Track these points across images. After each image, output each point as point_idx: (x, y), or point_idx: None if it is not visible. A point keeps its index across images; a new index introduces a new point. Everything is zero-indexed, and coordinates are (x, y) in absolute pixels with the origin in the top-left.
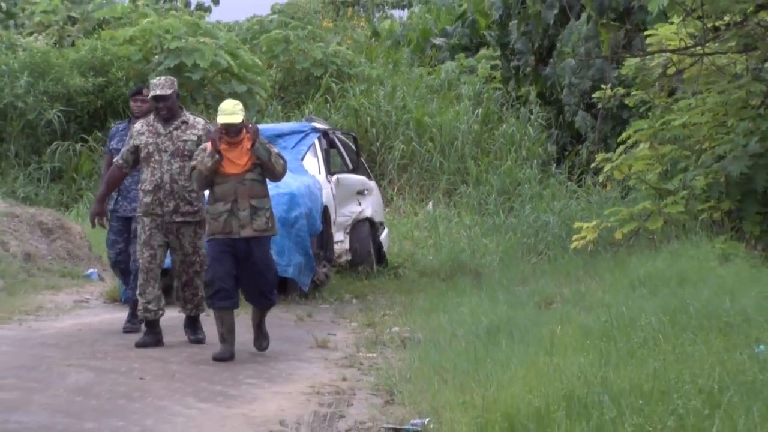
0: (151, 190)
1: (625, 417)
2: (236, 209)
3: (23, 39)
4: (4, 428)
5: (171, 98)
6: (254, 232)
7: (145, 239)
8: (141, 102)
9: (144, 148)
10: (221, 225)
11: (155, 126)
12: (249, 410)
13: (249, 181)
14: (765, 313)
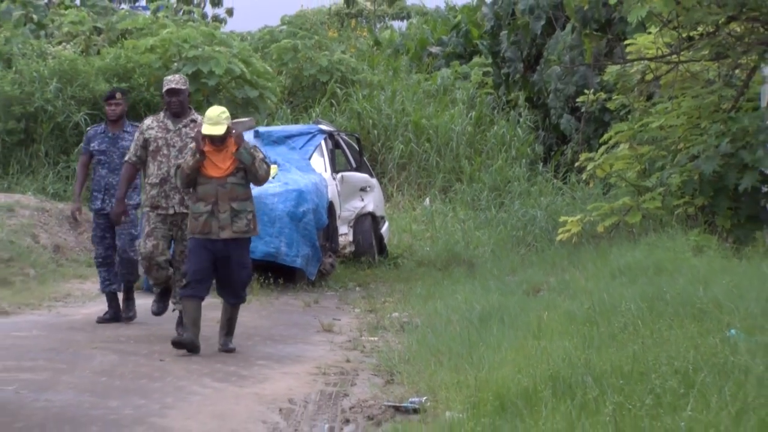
0: (158, 183)
1: (607, 396)
2: (216, 211)
3: (53, 48)
4: (34, 406)
5: (183, 94)
6: (234, 233)
7: (148, 231)
8: (115, 105)
9: (153, 142)
10: (200, 225)
11: (165, 123)
12: (260, 389)
13: (230, 184)
14: (736, 301)
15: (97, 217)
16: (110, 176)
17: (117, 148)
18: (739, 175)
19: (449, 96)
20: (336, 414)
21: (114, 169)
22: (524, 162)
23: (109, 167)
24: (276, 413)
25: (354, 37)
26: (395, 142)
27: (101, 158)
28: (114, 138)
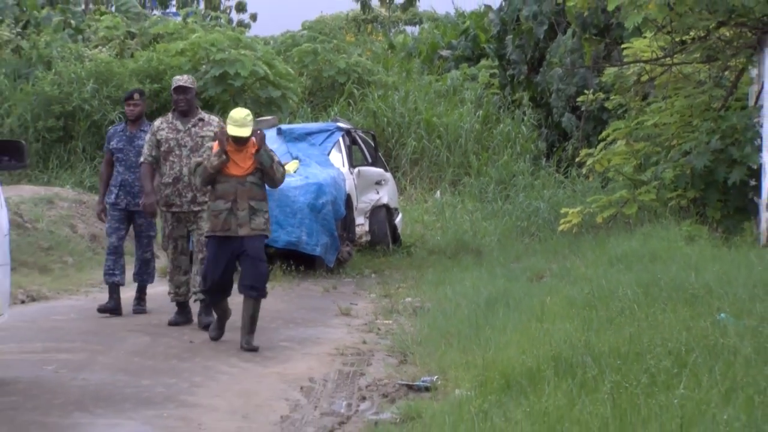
0: (171, 183)
1: (605, 375)
2: (236, 209)
3: (89, 51)
4: (72, 384)
5: (191, 92)
6: (252, 231)
7: (168, 232)
8: (133, 106)
9: (164, 143)
10: (221, 222)
11: (174, 123)
12: (283, 369)
13: (249, 183)
14: (725, 286)
15: (111, 210)
16: (126, 173)
17: (133, 147)
18: (728, 170)
19: (458, 96)
20: (353, 392)
21: (130, 166)
22: (528, 157)
23: (126, 165)
24: (297, 391)
25: (370, 41)
26: (408, 138)
27: (119, 156)
28: (131, 137)
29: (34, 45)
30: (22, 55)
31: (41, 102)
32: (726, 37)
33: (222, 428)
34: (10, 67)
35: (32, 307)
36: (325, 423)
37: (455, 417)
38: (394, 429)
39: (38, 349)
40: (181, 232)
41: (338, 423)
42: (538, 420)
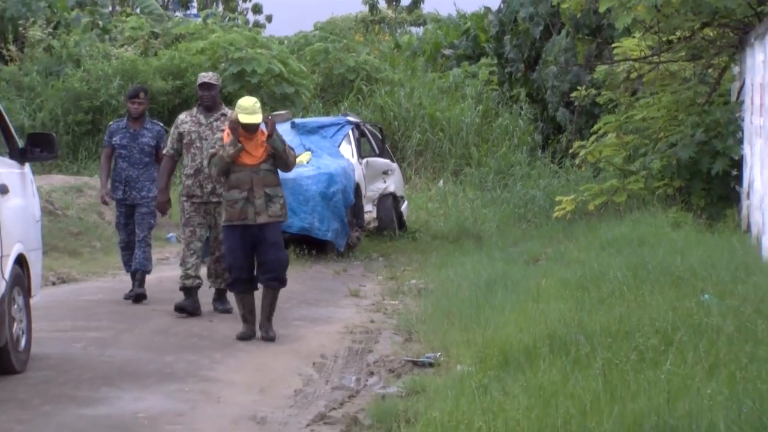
0: (192, 174)
1: (597, 352)
2: (252, 197)
3: (116, 50)
4: (100, 360)
5: (215, 89)
6: (269, 218)
7: (185, 220)
8: (138, 104)
9: (186, 135)
10: (237, 212)
11: (197, 117)
12: (296, 346)
13: (263, 171)
14: (709, 269)
15: (118, 206)
16: (130, 169)
17: (136, 144)
18: (711, 161)
19: (460, 92)
20: (362, 367)
21: (134, 163)
22: (525, 149)
23: (129, 161)
24: (310, 367)
25: (377, 41)
26: (413, 131)
27: (122, 152)
28: (134, 134)
29: (64, 44)
30: (53, 54)
31: (71, 97)
32: (709, 37)
33: (240, 401)
34: (42, 65)
35: (62, 288)
36: (335, 396)
37: (457, 391)
38: (400, 402)
39: (68, 327)
40: (200, 220)
41: (348, 396)
42: (534, 394)
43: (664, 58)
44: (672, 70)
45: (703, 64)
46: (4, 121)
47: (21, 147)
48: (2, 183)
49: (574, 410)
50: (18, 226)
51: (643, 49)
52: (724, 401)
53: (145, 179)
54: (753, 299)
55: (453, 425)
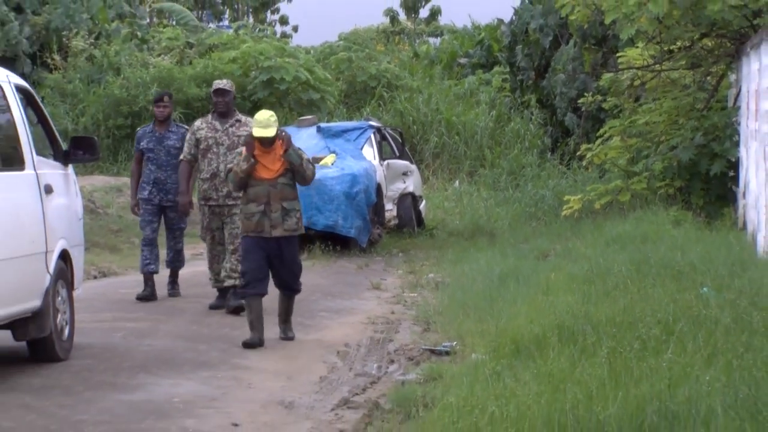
0: (209, 178)
1: (603, 341)
2: (269, 211)
3: (153, 59)
4: (138, 349)
5: (229, 95)
6: (285, 231)
7: (206, 225)
8: (163, 107)
9: (203, 141)
10: (254, 224)
11: (213, 123)
12: (321, 336)
13: (280, 185)
14: (707, 264)
15: (144, 204)
16: (158, 171)
17: (163, 147)
18: (710, 163)
19: (474, 98)
20: (383, 356)
21: (161, 165)
22: (535, 151)
23: (157, 163)
24: (334, 355)
25: (397, 50)
26: (431, 135)
27: (150, 155)
28: (160, 137)
29: (105, 54)
30: (94, 63)
31: (111, 103)
32: (708, 46)
33: (268, 387)
34: (84, 73)
35: (103, 281)
36: (358, 383)
37: (471, 378)
38: (419, 388)
39: (108, 318)
40: (218, 224)
41: (370, 383)
42: (543, 380)
43: (665, 67)
44: (673, 78)
45: (702, 72)
46: (49, 125)
47: (64, 149)
48: (47, 183)
49: (581, 395)
50: (61, 223)
51: (645, 58)
52: (721, 388)
53: (173, 181)
54: (748, 292)
55: (468, 410)
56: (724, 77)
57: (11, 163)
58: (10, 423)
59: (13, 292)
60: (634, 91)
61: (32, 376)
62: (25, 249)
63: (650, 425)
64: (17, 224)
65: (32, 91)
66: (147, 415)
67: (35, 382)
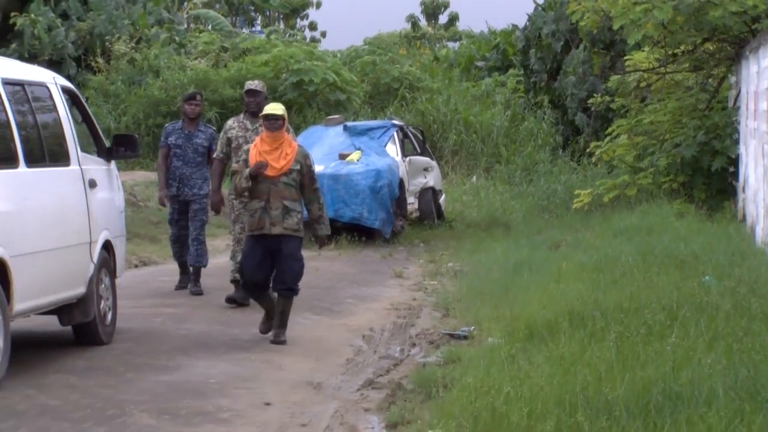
0: None
1: (611, 326)
2: (269, 207)
3: (190, 62)
4: (176, 333)
5: (261, 95)
6: (284, 230)
7: (235, 217)
8: (194, 105)
9: (234, 140)
10: (256, 221)
11: (244, 123)
12: (347, 321)
13: (282, 184)
14: (709, 254)
15: (172, 202)
16: (184, 168)
17: (191, 144)
18: (711, 159)
19: (490, 99)
20: (405, 339)
21: (188, 162)
22: (548, 149)
23: (184, 160)
24: (360, 339)
25: (418, 54)
26: (450, 133)
27: (177, 152)
28: (189, 135)
29: (145, 57)
30: (135, 66)
31: (151, 103)
32: (710, 50)
33: (298, 369)
34: (126, 75)
35: (143, 270)
36: (382, 365)
37: (488, 360)
38: (439, 370)
39: (148, 304)
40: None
41: (393, 365)
42: (555, 363)
43: (669, 69)
44: (676, 80)
45: (704, 74)
46: (93, 124)
47: (107, 146)
48: (91, 178)
49: (591, 377)
50: (105, 215)
51: (651, 61)
52: (722, 370)
53: (197, 177)
54: (747, 280)
55: (485, 390)
56: (724, 79)
57: (57, 159)
58: (56, 402)
59: (61, 279)
60: (640, 92)
61: (77, 358)
62: (71, 240)
63: (655, 405)
64: (64, 216)
65: (77, 92)
66: (184, 394)
67: (80, 364)
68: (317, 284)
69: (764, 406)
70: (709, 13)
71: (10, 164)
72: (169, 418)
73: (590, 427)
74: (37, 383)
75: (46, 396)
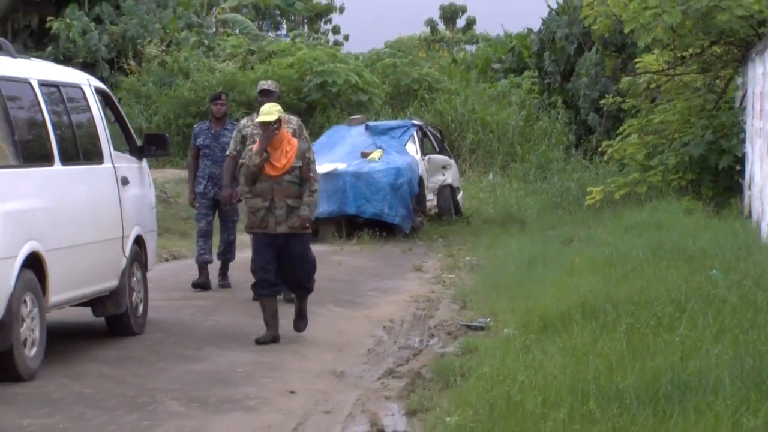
0: None
1: (621, 318)
2: (273, 207)
3: (219, 64)
4: (205, 324)
5: (273, 95)
6: (289, 229)
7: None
8: (220, 105)
9: (249, 138)
10: (259, 220)
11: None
12: (369, 312)
13: (286, 182)
14: (716, 249)
15: (200, 198)
16: (213, 167)
17: (218, 144)
18: (718, 158)
19: (506, 99)
20: (424, 330)
21: (216, 160)
22: (561, 147)
23: (212, 159)
24: (380, 330)
25: (437, 56)
26: (467, 132)
27: (205, 151)
28: (216, 134)
29: (175, 59)
30: (165, 68)
31: (181, 104)
32: (717, 53)
33: (321, 358)
34: (157, 77)
35: (173, 264)
36: (402, 354)
37: (503, 351)
38: (456, 359)
39: (178, 297)
40: None
41: (413, 355)
42: (568, 353)
43: (678, 71)
44: (685, 81)
45: (711, 76)
46: (125, 123)
47: (139, 145)
48: (123, 176)
49: (602, 367)
50: (136, 211)
51: (660, 63)
52: (728, 360)
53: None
54: (753, 274)
55: (500, 379)
56: (731, 80)
57: (91, 157)
58: (90, 390)
59: (94, 272)
60: (650, 93)
61: (110, 348)
62: (104, 234)
63: (665, 394)
64: (97, 212)
65: (110, 93)
66: (213, 383)
67: (112, 354)
68: (340, 278)
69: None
70: (717, 17)
71: (45, 162)
72: (198, 405)
73: (602, 414)
74: (72, 372)
75: (80, 384)
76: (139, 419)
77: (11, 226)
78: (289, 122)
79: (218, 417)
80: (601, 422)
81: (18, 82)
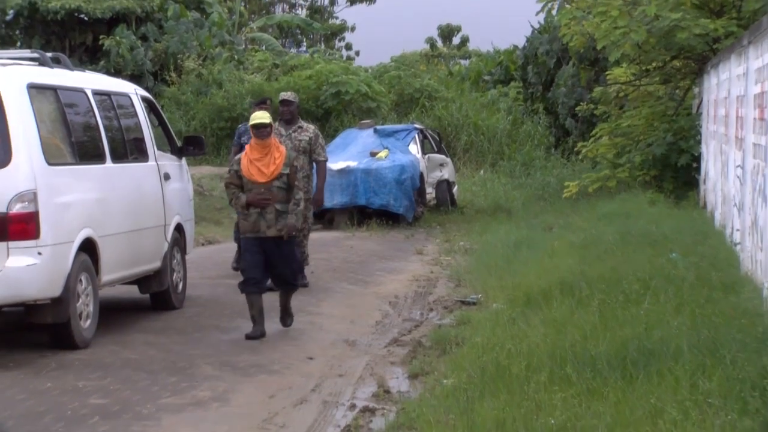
0: None
1: (595, 294)
2: (264, 212)
3: (247, 76)
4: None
5: (293, 105)
6: (278, 232)
7: None
8: (265, 108)
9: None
10: (251, 224)
11: (279, 129)
12: (377, 289)
13: (275, 188)
14: (676, 235)
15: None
16: None
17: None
18: (678, 156)
19: (495, 106)
20: (424, 305)
21: None
22: (542, 148)
23: None
24: (387, 305)
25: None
26: (462, 135)
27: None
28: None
29: (210, 72)
30: (202, 79)
31: (215, 110)
32: (677, 66)
33: (336, 329)
34: (194, 87)
35: (209, 248)
36: (405, 326)
37: (493, 322)
38: (452, 330)
39: (213, 276)
40: None
41: (414, 326)
42: (549, 325)
43: (643, 82)
44: (649, 91)
45: (672, 86)
46: (167, 127)
47: (179, 146)
48: (166, 172)
49: (578, 336)
50: (177, 203)
51: (628, 75)
52: (687, 331)
53: None
54: (708, 256)
55: (490, 347)
56: (689, 90)
57: (138, 156)
58: (137, 356)
59: (140, 255)
60: (619, 101)
61: (153, 320)
62: (150, 222)
63: (632, 360)
64: (143, 203)
65: (154, 101)
66: (243, 350)
67: (155, 325)
68: (352, 259)
69: (722, 361)
70: (677, 35)
71: (98, 160)
72: (229, 369)
73: (577, 377)
74: (121, 341)
75: (128, 351)
76: (178, 381)
77: (69, 216)
78: (306, 130)
79: (247, 379)
80: (576, 384)
81: (74, 91)
